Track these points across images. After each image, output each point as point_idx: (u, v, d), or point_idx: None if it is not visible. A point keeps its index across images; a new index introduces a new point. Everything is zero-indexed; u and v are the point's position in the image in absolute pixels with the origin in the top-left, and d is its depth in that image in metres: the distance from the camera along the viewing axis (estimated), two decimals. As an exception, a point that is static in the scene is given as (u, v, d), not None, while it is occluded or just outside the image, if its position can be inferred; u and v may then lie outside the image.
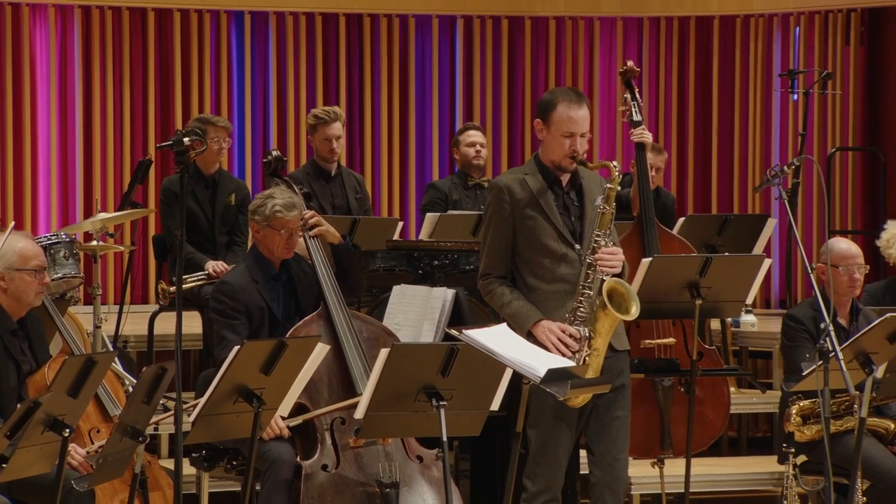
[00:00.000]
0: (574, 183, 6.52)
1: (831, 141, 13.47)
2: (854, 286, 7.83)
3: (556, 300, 6.39)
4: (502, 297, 6.44)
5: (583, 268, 6.37)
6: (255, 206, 7.44)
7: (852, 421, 7.30)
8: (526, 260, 6.45)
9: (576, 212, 6.48)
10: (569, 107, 6.44)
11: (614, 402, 6.42)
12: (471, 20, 13.76)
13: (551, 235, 6.42)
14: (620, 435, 6.45)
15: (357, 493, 7.10)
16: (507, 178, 6.55)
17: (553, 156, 6.47)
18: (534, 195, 6.43)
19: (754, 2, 13.73)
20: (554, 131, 6.45)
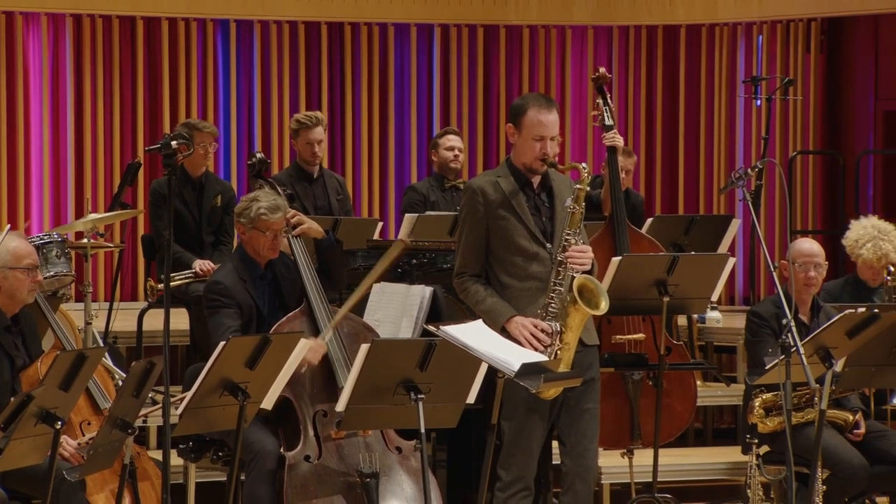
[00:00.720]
0: (545, 185, 6.53)
1: (793, 145, 13.51)
2: (809, 283, 7.83)
3: (528, 297, 6.40)
4: (476, 294, 6.45)
5: (554, 265, 6.37)
6: (240, 209, 7.43)
7: (813, 413, 7.31)
8: (499, 259, 6.46)
9: (546, 212, 6.49)
10: (539, 111, 6.45)
11: (584, 394, 6.43)
12: (447, 28, 13.76)
13: (523, 235, 6.43)
14: (591, 426, 6.46)
15: (338, 482, 7.10)
16: (481, 180, 6.56)
17: (524, 158, 6.48)
18: (506, 197, 6.44)
19: (719, 11, 13.76)
20: (525, 135, 6.46)
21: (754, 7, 13.62)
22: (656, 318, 8.94)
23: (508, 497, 6.38)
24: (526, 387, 6.06)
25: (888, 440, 7.85)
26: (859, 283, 8.70)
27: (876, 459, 7.77)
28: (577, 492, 6.44)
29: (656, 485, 8.75)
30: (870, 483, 7.84)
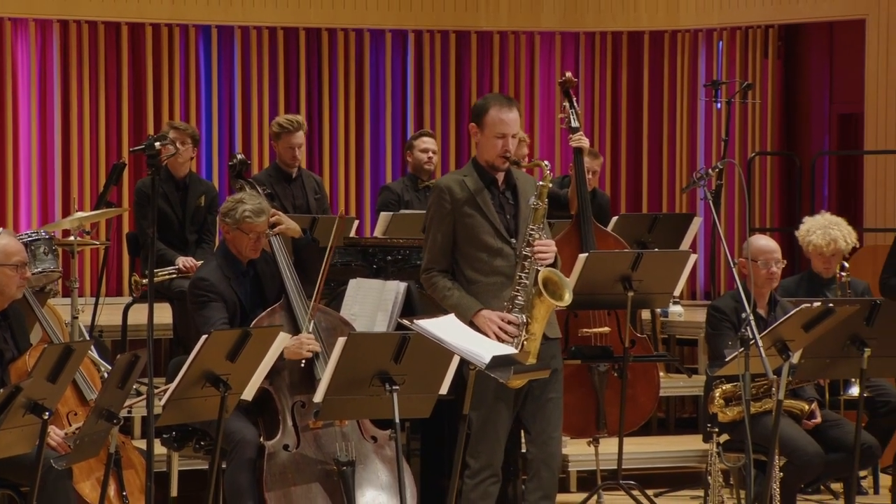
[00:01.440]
0: (509, 183, 6.53)
1: (751, 146, 13.54)
2: (771, 279, 7.87)
3: (493, 291, 6.40)
4: (444, 289, 6.45)
5: (519, 260, 6.38)
6: (226, 209, 7.43)
7: (770, 403, 7.34)
8: (465, 255, 6.45)
9: (510, 210, 6.49)
10: (500, 110, 6.45)
11: (548, 385, 6.43)
12: (421, 34, 13.76)
13: (488, 232, 6.43)
14: (554, 415, 6.46)
15: (316, 470, 7.09)
16: (448, 179, 6.56)
17: (487, 156, 6.48)
18: (472, 195, 6.44)
19: (681, 18, 13.78)
20: (487, 133, 6.47)
21: (714, 14, 13.65)
22: (621, 313, 8.96)
23: (477, 484, 6.38)
24: (493, 377, 6.06)
25: (842, 429, 7.87)
26: (814, 279, 8.72)
27: (830, 447, 7.80)
28: (542, 478, 6.45)
29: (621, 472, 8.77)
30: (824, 470, 7.87)
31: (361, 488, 7.12)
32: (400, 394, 6.68)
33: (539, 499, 6.44)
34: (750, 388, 6.41)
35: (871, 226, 12.51)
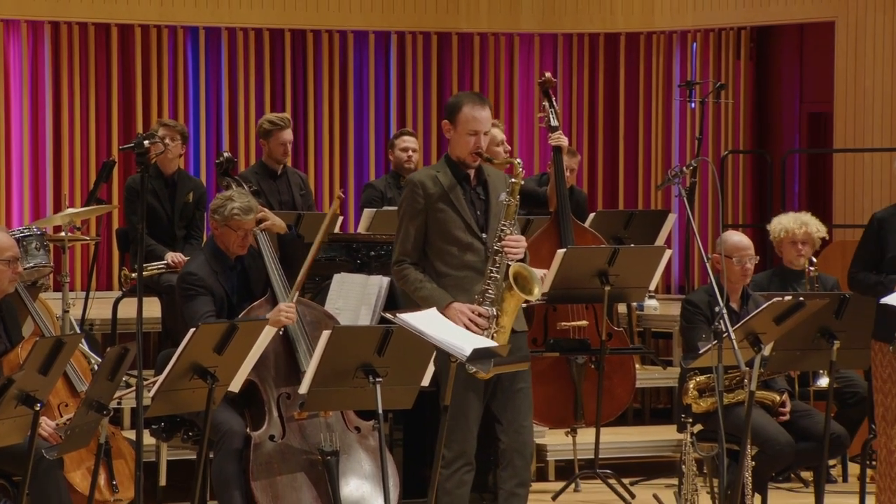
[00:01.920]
0: (480, 179, 6.52)
1: (724, 144, 13.56)
2: (745, 275, 7.89)
3: (463, 285, 6.38)
4: (415, 281, 6.43)
5: (490, 254, 6.37)
6: (215, 206, 7.42)
7: (743, 394, 7.35)
8: (437, 249, 6.43)
9: (481, 205, 6.47)
10: (472, 108, 6.45)
11: (517, 375, 6.41)
12: (403, 36, 13.75)
13: (460, 227, 6.41)
14: (524, 404, 6.45)
15: (301, 460, 7.09)
16: (421, 174, 6.55)
17: (460, 153, 6.47)
18: (445, 190, 6.42)
19: (656, 20, 13.80)
20: (460, 130, 6.46)
21: (688, 16, 13.67)
22: (598, 306, 8.98)
23: (452, 473, 6.37)
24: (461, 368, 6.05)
25: (812, 419, 7.89)
26: (785, 273, 8.74)
27: (801, 437, 7.81)
28: (516, 466, 6.44)
29: (598, 461, 8.79)
30: (795, 459, 7.89)
31: (345, 477, 7.12)
32: (383, 385, 6.67)
33: (514, 486, 6.44)
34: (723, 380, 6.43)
35: (840, 222, 12.55)
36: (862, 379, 8.51)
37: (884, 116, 12.85)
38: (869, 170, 12.90)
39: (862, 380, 8.51)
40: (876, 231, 7.05)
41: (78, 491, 6.35)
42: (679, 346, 10.12)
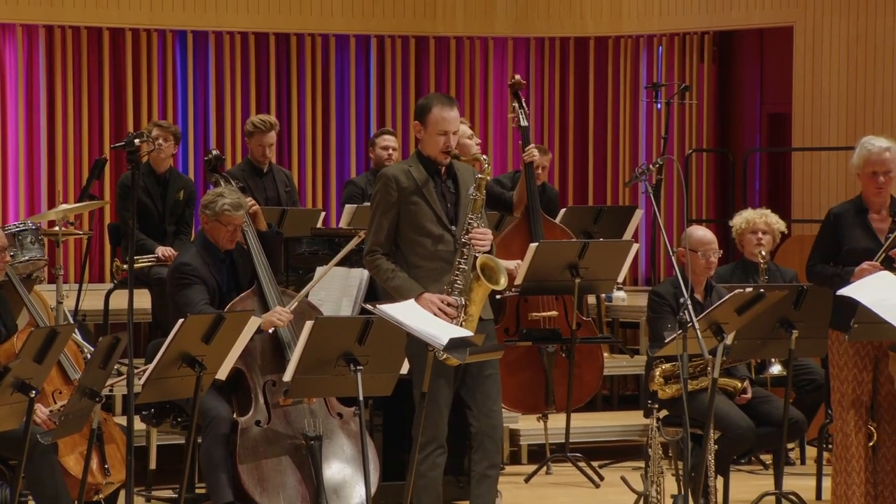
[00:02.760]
0: (450, 174, 6.50)
1: (689, 143, 13.58)
2: (709, 267, 7.89)
3: (433, 276, 6.37)
4: (388, 271, 6.41)
5: (458, 247, 6.36)
6: (206, 201, 7.41)
7: (706, 381, 7.36)
8: (408, 240, 6.41)
9: (452, 199, 6.45)
10: (442, 109, 6.42)
11: (485, 362, 6.40)
12: (383, 39, 13.74)
13: (431, 219, 6.39)
14: (493, 390, 6.44)
15: (286, 444, 7.08)
16: (394, 169, 6.52)
17: (430, 151, 6.45)
18: (417, 184, 6.40)
19: (624, 25, 13.81)
20: (430, 130, 6.43)
21: (655, 21, 13.69)
22: (568, 298, 8.99)
23: (426, 457, 6.36)
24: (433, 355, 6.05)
25: (772, 404, 7.91)
26: (746, 266, 8.76)
27: (761, 421, 7.83)
28: (487, 449, 6.43)
29: (568, 445, 8.80)
30: (755, 442, 7.90)
31: (328, 461, 7.11)
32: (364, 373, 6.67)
33: (486, 468, 6.43)
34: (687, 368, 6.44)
35: (798, 217, 12.58)
36: (819, 366, 8.54)
37: (840, 117, 12.89)
38: (826, 168, 12.94)
39: (819, 367, 8.54)
40: (832, 226, 7.07)
41: (71, 474, 6.33)
42: (645, 335, 10.13)
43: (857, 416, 7.01)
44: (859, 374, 7.01)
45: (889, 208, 7.03)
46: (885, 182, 6.98)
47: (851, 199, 7.14)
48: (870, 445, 7.06)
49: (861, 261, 6.88)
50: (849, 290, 6.62)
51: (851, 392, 7.00)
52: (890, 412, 7.01)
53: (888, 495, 7.01)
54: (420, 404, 6.21)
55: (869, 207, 7.05)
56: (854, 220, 7.02)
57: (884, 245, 6.92)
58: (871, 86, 12.76)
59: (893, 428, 7.00)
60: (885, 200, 7.03)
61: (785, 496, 7.64)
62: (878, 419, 7.05)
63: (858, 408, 7.01)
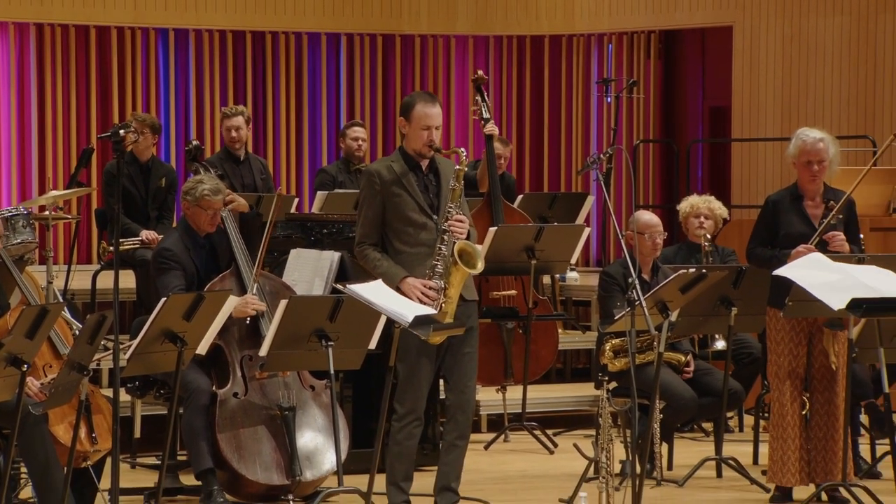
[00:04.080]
0: (432, 167, 6.49)
1: (636, 135, 13.61)
2: (655, 249, 7.91)
3: (417, 261, 6.37)
4: (375, 260, 6.41)
5: (439, 234, 6.36)
6: (187, 188, 7.36)
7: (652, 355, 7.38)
8: (394, 229, 6.41)
9: (433, 190, 6.45)
10: (425, 106, 6.41)
11: (465, 340, 6.42)
12: (352, 37, 13.70)
13: (413, 209, 6.39)
14: (470, 367, 6.45)
15: (262, 415, 7.06)
16: (377, 165, 6.52)
17: (414, 145, 6.44)
18: (398, 177, 6.40)
19: (576, 24, 13.81)
20: (414, 126, 6.42)
21: (605, 21, 13.70)
22: (525, 278, 8.99)
23: (403, 426, 6.37)
24: (417, 335, 6.07)
25: (713, 376, 7.94)
26: (690, 248, 8.78)
27: (703, 392, 7.86)
28: (458, 421, 6.44)
29: (525, 414, 8.81)
30: (697, 412, 7.93)
31: (301, 430, 7.10)
32: (334, 348, 6.67)
33: (455, 438, 6.44)
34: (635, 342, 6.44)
35: (737, 203, 12.63)
36: (756, 341, 8.57)
37: (775, 110, 12.94)
38: (762, 157, 12.99)
39: (756, 342, 8.56)
40: (770, 211, 7.09)
41: (61, 442, 6.29)
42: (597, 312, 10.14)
43: (792, 387, 7.04)
44: (795, 348, 7.04)
45: (822, 195, 7.05)
46: (818, 171, 7.00)
47: (788, 187, 7.16)
48: (803, 414, 7.10)
49: (797, 244, 6.90)
50: (784, 270, 6.65)
51: (787, 365, 7.03)
52: (823, 383, 7.05)
53: (820, 460, 7.05)
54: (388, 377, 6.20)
55: (804, 195, 7.07)
56: (790, 207, 7.04)
57: (818, 230, 6.95)
58: (804, 81, 12.81)
59: (826, 398, 7.04)
60: (819, 188, 7.06)
61: (724, 461, 7.67)
62: (812, 390, 7.09)
63: (794, 379, 7.04)
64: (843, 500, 6.99)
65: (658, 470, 7.54)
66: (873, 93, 12.52)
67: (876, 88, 12.51)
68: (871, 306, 6.15)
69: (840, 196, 7.00)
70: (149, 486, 6.90)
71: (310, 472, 7.04)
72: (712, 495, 7.39)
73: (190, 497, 7.13)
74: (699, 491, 7.44)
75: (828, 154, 6.99)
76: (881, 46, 12.49)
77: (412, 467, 6.42)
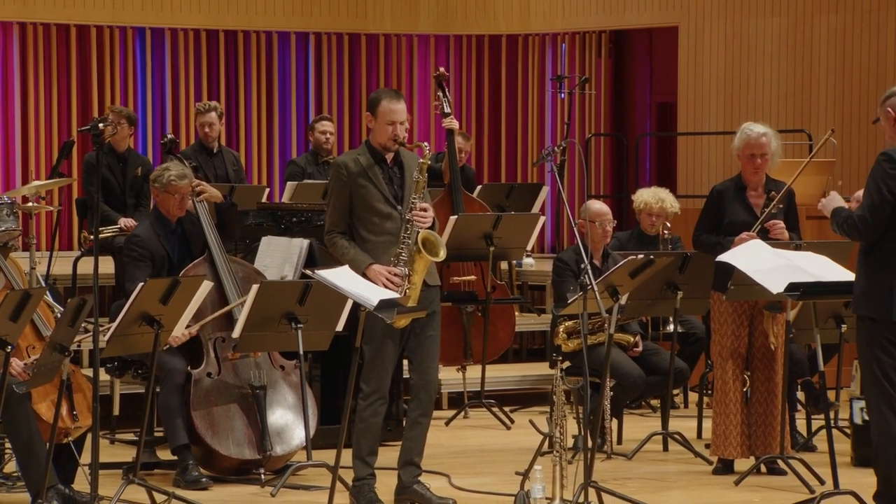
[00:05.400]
0: (397, 160, 6.48)
1: (588, 129, 13.63)
2: (606, 236, 7.92)
3: (383, 248, 6.35)
4: (342, 247, 6.38)
5: (403, 223, 6.35)
6: (154, 176, 7.33)
7: (603, 336, 7.39)
8: (361, 218, 6.39)
9: (398, 181, 6.44)
10: (390, 102, 6.39)
11: (428, 324, 6.41)
12: (320, 36, 13.66)
13: (379, 199, 6.37)
14: (433, 349, 6.44)
15: (234, 393, 7.04)
16: (345, 157, 6.50)
17: (380, 139, 6.42)
18: (365, 169, 6.38)
19: (532, 24, 13.82)
20: (380, 121, 6.40)
21: (559, 21, 13.71)
22: (484, 264, 9.00)
23: (369, 404, 6.36)
24: (382, 318, 6.06)
25: (660, 356, 7.97)
26: (640, 235, 8.81)
27: (650, 371, 7.89)
28: (421, 399, 6.44)
29: (484, 392, 8.82)
30: (645, 389, 7.96)
31: (272, 408, 7.08)
32: (303, 330, 6.65)
33: (418, 416, 6.44)
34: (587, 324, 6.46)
35: (682, 193, 12.66)
36: (700, 323, 8.61)
37: (718, 106, 12.99)
38: (706, 150, 13.04)
39: (700, 323, 8.60)
40: (715, 200, 7.14)
41: (43, 419, 6.25)
42: (551, 296, 10.17)
43: (734, 365, 7.08)
44: (737, 329, 7.07)
45: (764, 186, 7.10)
46: (761, 163, 7.05)
47: (732, 178, 7.20)
48: (744, 391, 7.14)
49: (740, 232, 6.94)
50: (726, 256, 6.67)
51: (730, 345, 7.07)
52: (763, 362, 7.09)
53: (760, 434, 7.10)
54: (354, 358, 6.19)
55: (747, 185, 7.11)
56: (734, 196, 7.08)
57: (759, 218, 6.99)
58: (745, 78, 12.86)
59: (765, 376, 7.08)
60: (761, 179, 7.10)
61: (670, 435, 7.71)
62: (752, 369, 7.13)
63: (736, 359, 7.08)
64: (780, 472, 7.04)
65: (608, 444, 7.57)
66: (809, 89, 12.58)
67: (811, 85, 12.58)
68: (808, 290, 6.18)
69: (781, 187, 7.04)
70: (127, 461, 6.87)
71: (280, 448, 7.02)
72: (659, 467, 7.42)
73: (166, 471, 7.10)
74: (647, 463, 7.47)
75: (770, 147, 7.04)
76: (816, 46, 12.56)
77: (377, 443, 6.42)
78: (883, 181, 5.57)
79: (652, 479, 7.13)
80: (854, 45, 12.41)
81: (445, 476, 6.98)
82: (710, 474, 7.17)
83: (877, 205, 5.56)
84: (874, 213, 5.57)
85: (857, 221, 5.62)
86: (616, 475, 7.09)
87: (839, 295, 6.24)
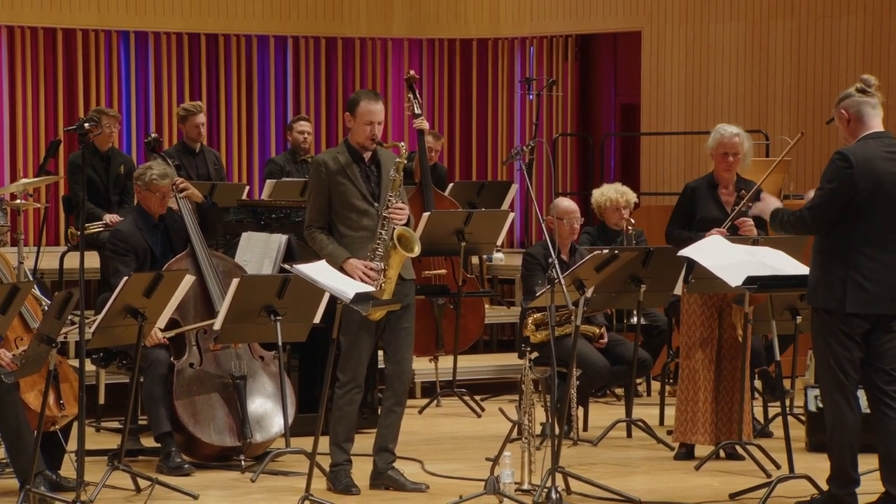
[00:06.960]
0: (374, 159, 6.47)
1: (555, 128, 13.66)
2: (573, 233, 7.94)
3: (360, 244, 6.35)
4: (321, 242, 6.38)
5: (380, 220, 6.34)
6: (137, 174, 7.31)
7: (570, 327, 7.40)
8: (339, 215, 6.39)
9: (375, 179, 6.43)
10: (369, 102, 6.39)
11: (403, 316, 6.41)
12: (298, 39, 13.64)
13: (357, 196, 6.37)
14: (406, 340, 6.44)
15: (216, 383, 7.02)
16: (324, 156, 6.49)
17: (358, 139, 6.42)
18: (343, 167, 6.38)
19: (501, 28, 13.83)
20: (359, 121, 6.40)
21: (527, 26, 13.72)
22: (455, 258, 9.00)
23: (345, 393, 6.36)
24: (357, 310, 6.05)
25: (624, 347, 7.98)
26: (606, 231, 8.81)
27: (615, 361, 7.90)
28: (395, 389, 6.44)
29: (455, 382, 8.83)
30: (610, 379, 7.98)
31: (252, 397, 7.07)
32: (282, 322, 6.64)
33: (393, 405, 6.44)
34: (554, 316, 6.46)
35: (645, 191, 12.71)
36: (663, 315, 8.63)
37: (679, 107, 13.03)
38: (668, 149, 13.08)
39: (663, 316, 8.62)
40: (689, 197, 7.19)
41: (31, 408, 6.22)
42: (520, 289, 10.18)
43: (704, 354, 7.09)
44: (707, 320, 7.10)
45: (735, 185, 7.15)
46: (733, 162, 7.11)
47: (705, 176, 7.26)
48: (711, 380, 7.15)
49: (711, 227, 6.99)
50: (687, 251, 6.68)
51: (700, 335, 7.09)
52: (731, 353, 7.11)
53: (726, 421, 7.11)
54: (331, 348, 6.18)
55: (719, 183, 7.16)
56: (706, 194, 7.14)
57: (730, 215, 7.05)
58: (705, 81, 12.91)
59: (733, 366, 7.10)
60: (733, 178, 7.17)
61: (634, 422, 7.73)
62: (720, 359, 7.14)
63: (706, 348, 7.09)
64: (739, 457, 7.06)
65: (575, 431, 7.58)
66: (766, 91, 12.64)
67: (769, 87, 12.63)
68: (765, 283, 6.21)
69: (751, 186, 7.09)
70: (112, 448, 6.84)
71: (259, 435, 7.01)
72: (623, 453, 7.44)
73: (150, 458, 7.08)
74: (612, 450, 7.49)
75: (742, 147, 7.11)
76: (773, 49, 12.61)
77: (353, 430, 6.41)
78: (835, 175, 5.65)
79: (616, 464, 7.14)
80: (809, 48, 12.47)
81: (419, 462, 6.98)
82: (672, 459, 7.19)
83: (826, 195, 5.64)
84: (824, 204, 5.64)
85: (805, 213, 5.70)
86: (582, 461, 7.10)
87: (795, 287, 6.27)
